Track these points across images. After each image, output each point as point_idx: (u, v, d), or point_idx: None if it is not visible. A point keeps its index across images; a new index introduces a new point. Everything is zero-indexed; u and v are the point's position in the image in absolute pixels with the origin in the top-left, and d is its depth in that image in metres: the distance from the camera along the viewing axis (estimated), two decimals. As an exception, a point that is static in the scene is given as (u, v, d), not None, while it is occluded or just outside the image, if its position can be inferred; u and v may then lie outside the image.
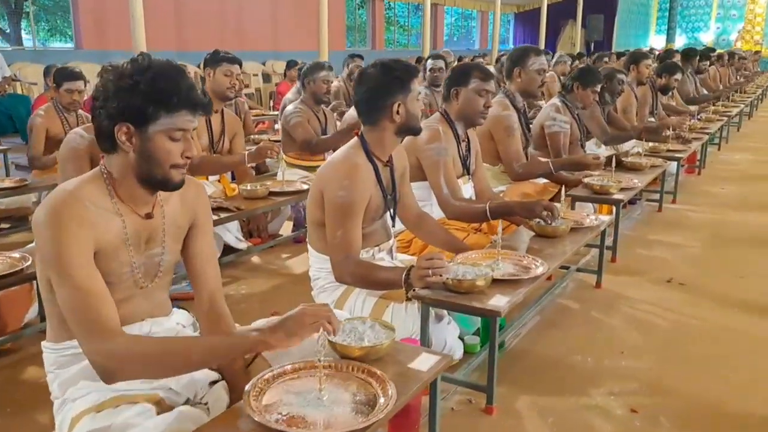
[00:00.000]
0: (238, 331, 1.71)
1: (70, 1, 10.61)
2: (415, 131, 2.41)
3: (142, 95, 1.43)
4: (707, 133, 5.95)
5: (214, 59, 3.59)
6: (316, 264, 2.47)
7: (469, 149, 3.16)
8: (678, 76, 5.80)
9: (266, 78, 12.51)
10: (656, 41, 24.74)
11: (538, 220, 2.70)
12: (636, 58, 5.65)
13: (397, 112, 2.30)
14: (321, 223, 2.32)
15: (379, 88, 2.30)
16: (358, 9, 17.20)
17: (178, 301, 2.41)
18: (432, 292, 2.10)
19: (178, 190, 1.58)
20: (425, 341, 2.14)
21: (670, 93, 7.55)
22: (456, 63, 7.32)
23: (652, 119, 6.03)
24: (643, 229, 4.38)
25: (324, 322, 1.45)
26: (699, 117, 6.81)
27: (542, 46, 18.71)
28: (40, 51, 11.35)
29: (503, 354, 2.53)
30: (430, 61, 5.95)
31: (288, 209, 4.13)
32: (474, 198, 3.21)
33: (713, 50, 9.40)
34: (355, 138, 2.40)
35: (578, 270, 3.37)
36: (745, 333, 2.82)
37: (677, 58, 7.92)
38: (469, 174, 3.16)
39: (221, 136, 3.71)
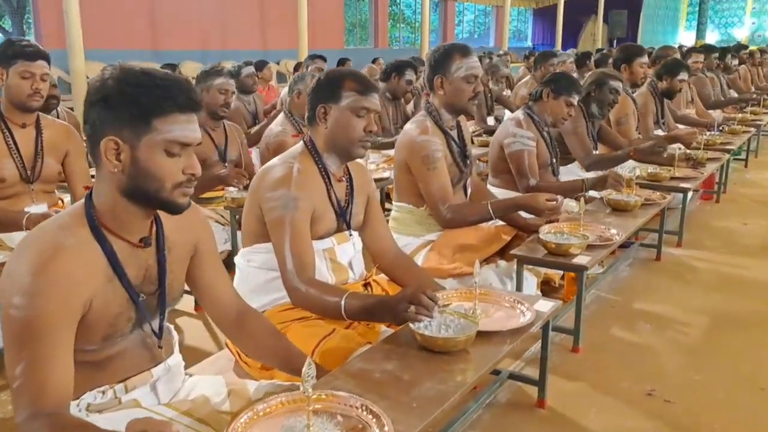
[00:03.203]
0: None
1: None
2: (161, 203, 1.38)
3: None
4: (728, 150, 4.81)
5: (6, 55, 2.50)
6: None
7: (351, 193, 2.14)
8: (682, 76, 4.65)
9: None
10: (686, 38, 23.31)
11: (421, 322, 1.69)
12: (628, 54, 4.50)
13: (117, 160, 1.30)
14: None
15: (104, 118, 1.30)
16: (360, 4, 16.19)
17: None
18: None
19: None
20: None
21: (689, 98, 6.41)
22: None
23: (660, 131, 4.91)
24: (629, 290, 3.25)
25: None
26: (721, 128, 5.65)
27: (559, 43, 17.57)
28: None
29: None
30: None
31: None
32: (359, 265, 2.20)
33: (714, 48, 8.15)
34: (82, 200, 1.41)
35: (512, 377, 2.29)
36: None
37: (696, 58, 6.73)
38: (349, 229, 2.14)
39: (36, 157, 2.71)
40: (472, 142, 5.65)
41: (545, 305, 1.95)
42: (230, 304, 1.68)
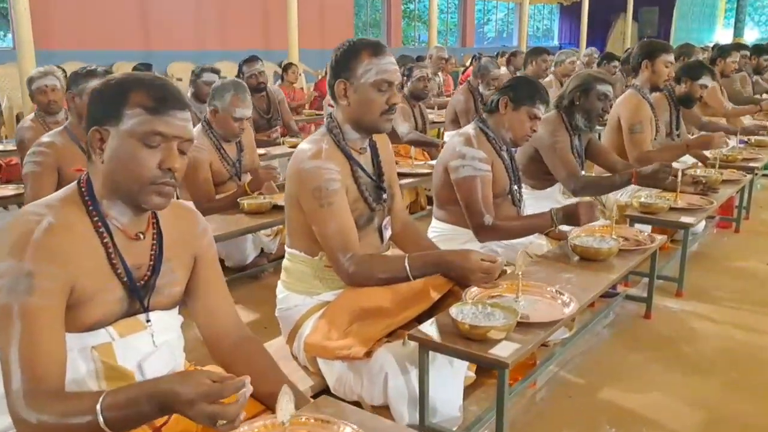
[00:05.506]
0: None
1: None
2: None
3: None
4: (751, 169, 3.99)
5: None
6: None
7: (157, 256, 1.46)
8: (705, 81, 3.84)
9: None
10: (723, 36, 22.05)
11: None
12: (651, 50, 3.72)
13: None
14: None
15: None
16: (374, 2, 15.49)
17: None
18: None
19: None
20: None
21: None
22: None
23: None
24: (599, 368, 2.39)
25: None
26: (746, 140, 4.82)
27: (584, 41, 16.58)
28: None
29: None
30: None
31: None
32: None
33: (744, 46, 7.27)
34: None
35: None
36: None
37: (734, 57, 5.87)
38: (147, 311, 1.45)
39: None
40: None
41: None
42: None
